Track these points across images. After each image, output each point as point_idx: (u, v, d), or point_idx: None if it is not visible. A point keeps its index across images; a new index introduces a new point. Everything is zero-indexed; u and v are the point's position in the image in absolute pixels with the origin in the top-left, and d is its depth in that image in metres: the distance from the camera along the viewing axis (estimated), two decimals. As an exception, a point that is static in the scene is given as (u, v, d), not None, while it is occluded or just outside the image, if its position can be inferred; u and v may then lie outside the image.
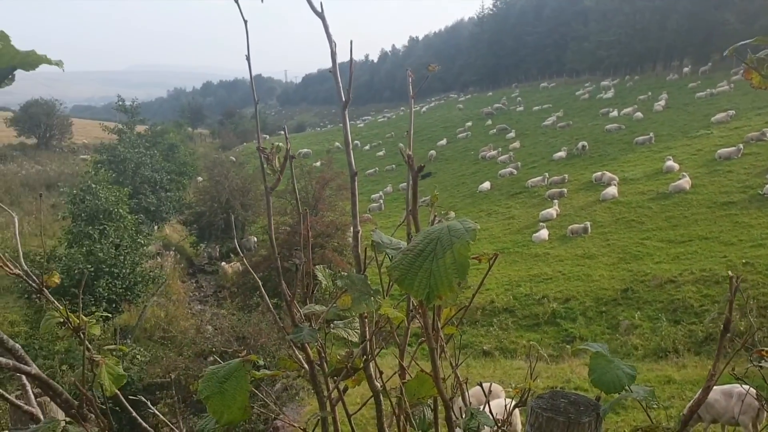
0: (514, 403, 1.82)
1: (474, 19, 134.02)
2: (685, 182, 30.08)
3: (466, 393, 2.06)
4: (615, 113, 54.33)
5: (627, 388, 1.15)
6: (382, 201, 44.95)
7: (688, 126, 43.39)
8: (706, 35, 68.68)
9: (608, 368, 1.15)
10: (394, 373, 1.44)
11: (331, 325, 1.57)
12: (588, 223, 28.47)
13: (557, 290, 23.05)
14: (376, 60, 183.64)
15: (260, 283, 1.90)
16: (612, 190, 31.90)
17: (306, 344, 1.52)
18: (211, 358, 19.58)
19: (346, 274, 1.50)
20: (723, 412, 11.61)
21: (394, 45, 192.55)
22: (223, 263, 33.10)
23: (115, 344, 20.29)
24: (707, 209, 27.33)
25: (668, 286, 21.31)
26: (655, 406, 1.21)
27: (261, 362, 1.21)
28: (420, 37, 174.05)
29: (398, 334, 1.63)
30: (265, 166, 1.54)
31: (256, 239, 35.97)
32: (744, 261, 21.25)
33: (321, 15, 1.35)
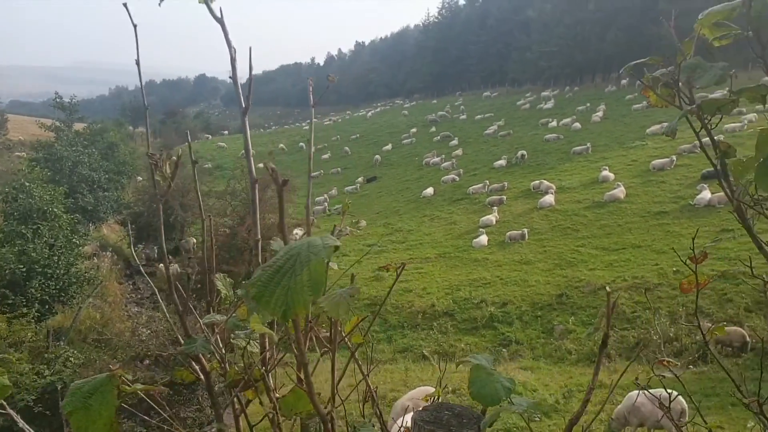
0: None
1: (419, 26, 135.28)
2: (620, 192, 31.06)
3: (377, 400, 2.10)
4: (554, 123, 55.66)
5: (509, 400, 1.21)
6: (326, 204, 44.82)
7: (624, 137, 44.85)
8: (644, 48, 71.02)
9: (488, 381, 1.20)
10: (295, 385, 1.46)
11: (232, 335, 1.58)
12: (526, 230, 29.10)
13: (495, 295, 23.47)
14: (322, 63, 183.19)
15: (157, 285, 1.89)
16: (549, 198, 32.69)
17: (201, 355, 1.53)
18: (147, 362, 19.13)
19: (245, 282, 1.52)
20: (649, 415, 12.04)
21: (340, 49, 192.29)
22: (161, 265, 32.31)
23: (48, 346, 19.54)
24: (640, 218, 28.31)
25: (601, 293, 21.95)
26: (537, 418, 1.27)
27: (130, 376, 1.19)
28: (366, 43, 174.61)
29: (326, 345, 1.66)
30: (155, 172, 1.54)
31: (195, 240, 35.34)
32: (675, 269, 22.10)
33: (220, 21, 1.37)
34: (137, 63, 1.48)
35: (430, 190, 41.98)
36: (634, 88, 66.57)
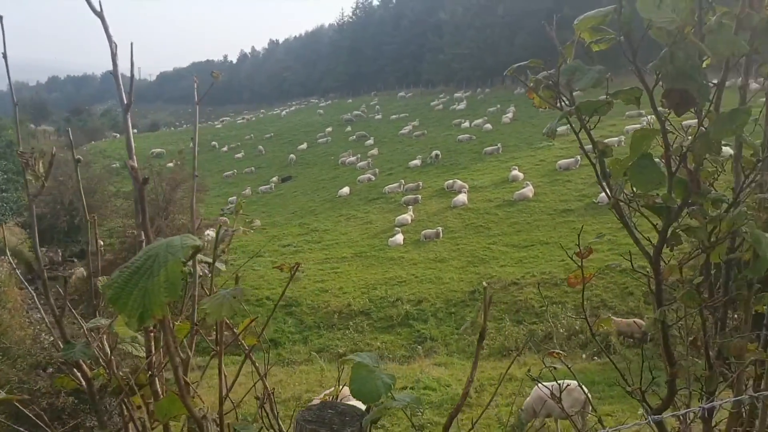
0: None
1: (334, 25, 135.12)
2: (529, 191, 32.14)
3: (274, 403, 2.08)
4: (467, 124, 56.89)
5: (389, 396, 1.22)
6: (243, 202, 43.97)
7: (532, 138, 46.38)
8: (551, 52, 73.48)
9: (368, 378, 1.21)
10: (169, 389, 1.42)
11: (117, 339, 1.53)
12: (440, 229, 29.62)
13: (410, 293, 23.76)
14: (235, 61, 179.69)
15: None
16: (462, 198, 33.41)
17: (81, 361, 1.46)
18: (50, 370, 18.12)
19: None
20: (554, 407, 12.48)
21: (253, 47, 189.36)
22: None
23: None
24: (548, 216, 29.40)
25: (512, 288, 22.68)
26: (419, 412, 1.29)
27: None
28: (280, 41, 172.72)
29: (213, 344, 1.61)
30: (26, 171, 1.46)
31: (102, 243, 33.85)
32: (579, 264, 23.03)
33: (100, 15, 1.32)
34: (4, 56, 1.40)
35: (345, 190, 41.99)
36: (542, 91, 69.03)
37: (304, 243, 32.80)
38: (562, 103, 1.76)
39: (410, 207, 34.18)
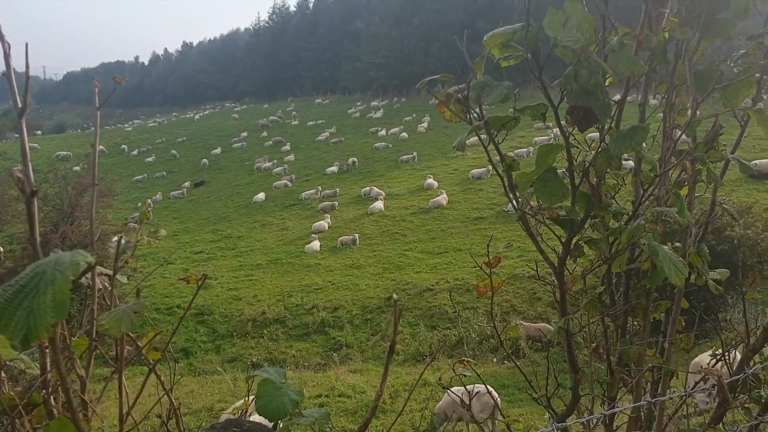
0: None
1: (250, 30, 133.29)
2: (443, 199, 32.76)
3: (181, 419, 2.00)
4: (383, 132, 57.37)
5: (297, 412, 1.20)
6: (150, 210, 42.30)
7: (446, 147, 47.29)
8: (464, 64, 75.53)
9: (275, 395, 1.18)
10: (59, 413, 1.33)
11: (12, 358, 1.42)
12: (357, 235, 29.69)
13: (327, 299, 23.66)
14: (147, 63, 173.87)
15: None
16: (379, 205, 33.65)
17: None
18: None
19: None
20: (465, 411, 12.72)
21: (166, 49, 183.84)
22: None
23: None
24: (461, 223, 30.05)
25: (426, 294, 23.01)
26: (327, 429, 1.26)
27: None
28: (195, 43, 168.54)
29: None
30: None
31: (2, 249, 31.84)
32: (492, 271, 23.66)
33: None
34: None
35: (261, 196, 41.35)
36: (456, 101, 70.63)
37: (218, 250, 32.06)
38: (472, 117, 1.79)
39: (327, 214, 34.09)
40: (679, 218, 1.87)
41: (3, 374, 1.56)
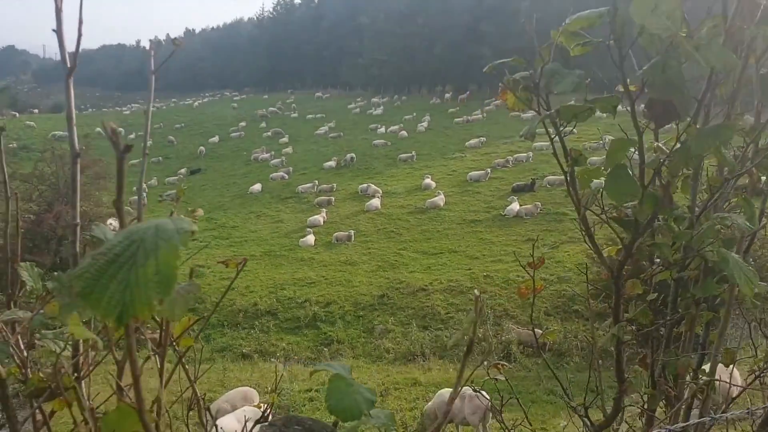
0: (253, 419, 1.69)
1: (254, 20, 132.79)
2: (440, 199, 32.66)
3: (203, 411, 1.90)
4: (383, 129, 57.20)
5: (366, 413, 1.09)
6: (145, 195, 42.02)
7: (445, 148, 47.26)
8: (466, 66, 75.68)
9: (347, 393, 1.07)
10: (111, 394, 1.22)
11: (37, 335, 1.31)
12: (352, 232, 29.56)
13: (319, 294, 23.53)
14: (148, 47, 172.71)
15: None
16: (376, 202, 33.52)
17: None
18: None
19: (60, 274, 1.26)
20: (457, 412, 12.66)
21: (168, 34, 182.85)
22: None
23: None
24: (457, 225, 29.97)
25: (420, 294, 22.91)
26: (393, 430, 1.15)
27: None
28: (197, 31, 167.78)
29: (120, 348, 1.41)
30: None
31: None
32: (485, 274, 23.66)
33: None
34: None
35: (257, 187, 41.15)
36: (456, 102, 70.61)
37: (212, 238, 31.86)
38: (540, 106, 1.68)
39: (323, 208, 33.93)
40: (744, 226, 1.78)
41: (27, 354, 1.45)
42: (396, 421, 12.67)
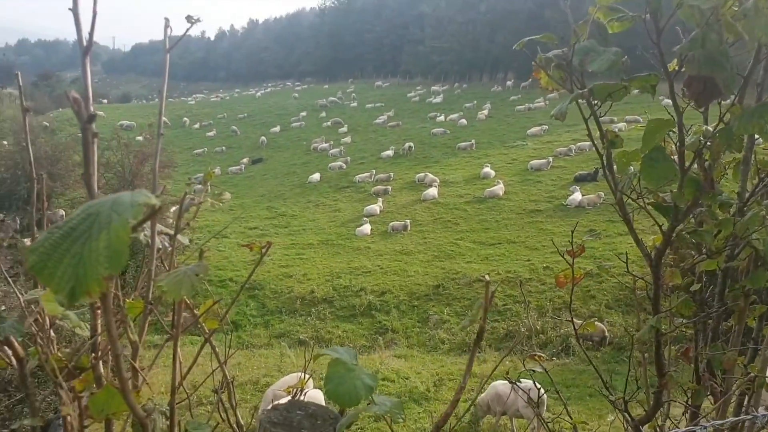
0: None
1: (315, 9, 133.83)
2: (500, 189, 32.20)
3: (233, 393, 1.91)
4: (442, 118, 56.80)
5: (371, 400, 1.06)
6: (209, 184, 42.98)
7: (506, 136, 46.54)
8: (529, 53, 74.21)
9: (346, 378, 1.03)
10: (108, 381, 1.23)
11: (59, 315, 1.33)
12: (408, 221, 29.51)
13: (375, 283, 23.63)
14: (212, 38, 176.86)
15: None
16: (432, 191, 33.34)
17: (12, 338, 1.26)
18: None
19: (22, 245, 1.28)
20: (510, 404, 12.51)
21: (232, 25, 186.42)
22: (26, 239, 29.93)
23: None
24: (516, 215, 29.50)
25: (476, 285, 22.69)
26: (401, 419, 1.11)
27: None
28: (260, 21, 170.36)
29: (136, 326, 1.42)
30: None
31: (64, 213, 33.03)
32: (545, 266, 23.24)
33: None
34: None
35: (316, 176, 41.56)
36: (519, 90, 69.48)
37: (271, 227, 32.41)
38: (573, 85, 1.60)
39: (380, 198, 33.99)
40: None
41: (53, 333, 1.48)
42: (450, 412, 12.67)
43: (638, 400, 2.23)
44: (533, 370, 2.23)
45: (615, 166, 1.68)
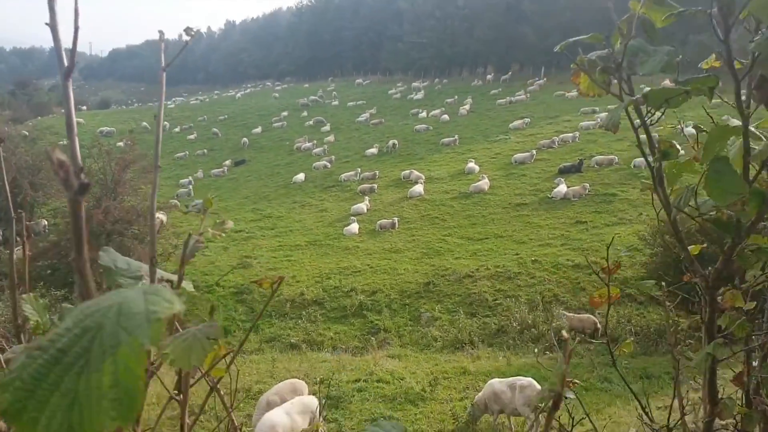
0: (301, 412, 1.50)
1: (293, 9, 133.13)
2: (484, 183, 32.15)
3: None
4: (424, 114, 56.71)
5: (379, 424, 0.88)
6: (191, 187, 42.62)
7: (488, 130, 46.55)
8: (508, 46, 74.45)
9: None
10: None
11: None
12: (396, 219, 29.36)
13: (365, 283, 23.44)
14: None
15: None
16: (419, 188, 33.22)
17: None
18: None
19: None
20: (508, 402, 12.38)
21: (209, 27, 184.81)
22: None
23: None
24: (503, 209, 29.46)
25: (466, 281, 22.60)
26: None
27: None
28: (237, 22, 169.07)
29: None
30: None
31: (46, 222, 32.47)
32: (533, 259, 23.21)
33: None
34: None
35: (301, 176, 41.25)
36: (499, 84, 69.55)
37: (257, 229, 32.10)
38: (622, 91, 1.42)
39: (366, 196, 33.79)
40: None
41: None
42: (447, 412, 12.44)
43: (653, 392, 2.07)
44: (566, 396, 2.05)
45: (665, 179, 1.50)
